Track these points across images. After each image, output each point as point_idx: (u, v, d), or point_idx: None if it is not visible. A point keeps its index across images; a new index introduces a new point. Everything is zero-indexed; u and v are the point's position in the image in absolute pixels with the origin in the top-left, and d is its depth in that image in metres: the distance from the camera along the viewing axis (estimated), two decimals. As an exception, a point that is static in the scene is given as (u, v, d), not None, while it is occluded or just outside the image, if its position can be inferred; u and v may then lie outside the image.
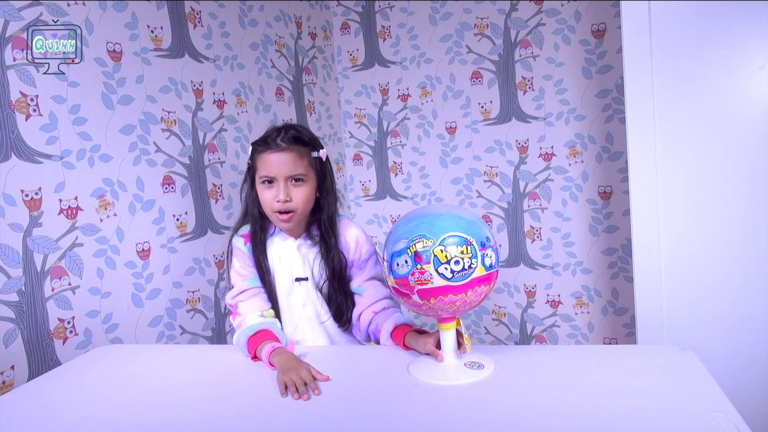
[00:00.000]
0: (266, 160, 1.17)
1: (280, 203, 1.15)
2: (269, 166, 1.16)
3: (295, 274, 1.25)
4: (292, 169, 1.16)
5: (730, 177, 1.45)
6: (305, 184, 1.18)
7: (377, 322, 1.19)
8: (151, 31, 1.62)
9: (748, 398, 1.44)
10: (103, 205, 1.45)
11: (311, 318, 1.25)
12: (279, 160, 1.16)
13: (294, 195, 1.16)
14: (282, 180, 1.15)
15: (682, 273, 1.50)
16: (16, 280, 1.24)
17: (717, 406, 0.78)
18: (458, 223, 0.90)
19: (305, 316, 1.25)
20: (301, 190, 1.17)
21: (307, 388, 0.93)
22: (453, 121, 2.48)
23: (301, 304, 1.25)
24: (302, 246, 1.25)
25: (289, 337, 1.24)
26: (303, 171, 1.17)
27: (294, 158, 1.16)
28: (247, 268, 1.25)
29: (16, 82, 1.25)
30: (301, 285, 1.24)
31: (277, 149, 1.16)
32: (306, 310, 1.25)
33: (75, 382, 1.07)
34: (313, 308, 1.25)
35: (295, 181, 1.17)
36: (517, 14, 2.32)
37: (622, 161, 2.21)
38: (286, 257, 1.25)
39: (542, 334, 2.46)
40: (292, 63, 2.31)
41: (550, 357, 1.04)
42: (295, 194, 1.16)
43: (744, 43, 1.40)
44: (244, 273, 1.25)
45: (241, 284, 1.24)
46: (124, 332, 1.49)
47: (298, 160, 1.17)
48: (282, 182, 1.15)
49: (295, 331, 1.26)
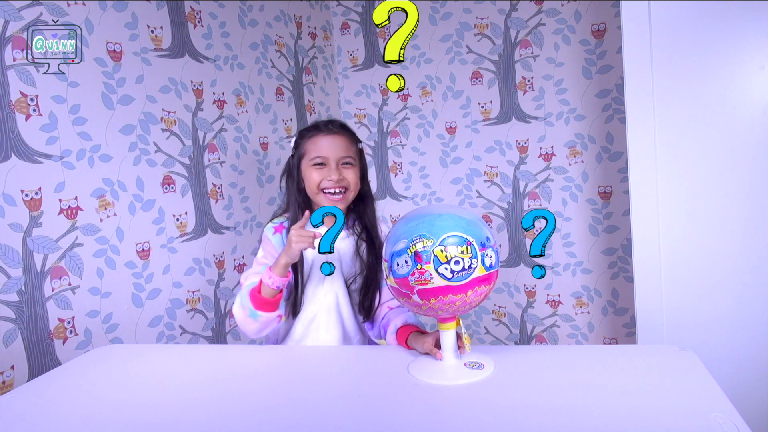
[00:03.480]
0: (318, 143, 1.22)
1: (332, 182, 1.19)
2: (321, 148, 1.21)
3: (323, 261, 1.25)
4: (344, 150, 1.22)
5: (730, 177, 1.45)
6: (354, 168, 1.23)
7: (389, 317, 1.21)
8: (151, 31, 1.62)
9: (748, 398, 1.44)
10: (103, 205, 1.45)
11: (330, 307, 1.25)
12: (332, 143, 1.21)
13: (345, 175, 1.21)
14: (334, 161, 1.21)
15: (682, 273, 1.50)
16: (16, 280, 1.24)
17: (717, 406, 0.78)
18: (458, 223, 0.90)
19: (325, 304, 1.25)
20: (351, 172, 1.22)
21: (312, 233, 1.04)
22: (453, 121, 2.48)
23: (323, 292, 1.25)
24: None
25: (304, 327, 1.24)
26: (352, 155, 1.23)
27: (345, 142, 1.23)
28: (268, 257, 1.24)
29: (16, 82, 1.25)
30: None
31: (329, 132, 1.22)
32: (327, 299, 1.25)
33: (75, 382, 1.07)
34: (335, 297, 1.25)
35: (345, 164, 1.22)
36: (517, 14, 2.32)
37: (622, 161, 2.21)
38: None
39: (542, 334, 2.46)
40: (292, 63, 2.31)
41: (550, 357, 1.04)
42: (347, 174, 1.21)
43: (744, 43, 1.40)
44: (263, 262, 1.24)
45: (255, 268, 1.24)
46: (124, 332, 1.49)
47: (349, 145, 1.23)
48: (334, 163, 1.20)
49: (313, 320, 1.25)
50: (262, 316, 1.11)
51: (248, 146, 2.01)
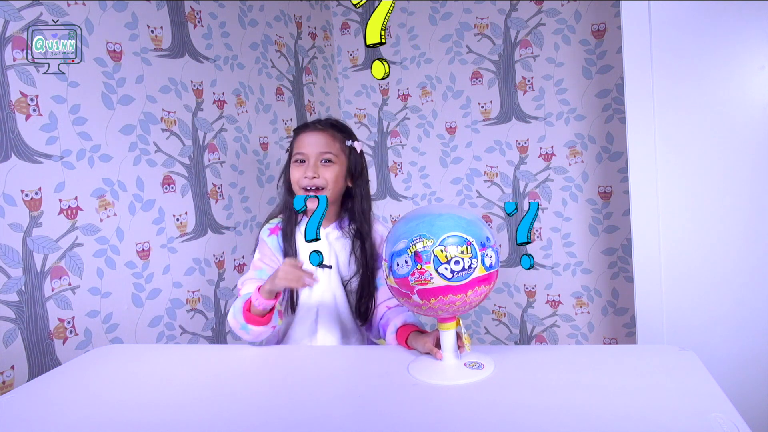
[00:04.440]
0: (301, 140, 1.23)
1: (307, 179, 1.19)
2: (302, 145, 1.22)
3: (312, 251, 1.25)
4: (324, 146, 1.21)
5: (730, 177, 1.45)
6: (334, 165, 1.22)
7: (389, 317, 1.20)
8: (151, 31, 1.62)
9: (748, 398, 1.44)
10: (103, 205, 1.45)
11: (329, 306, 1.25)
12: (312, 140, 1.22)
13: (322, 173, 1.20)
14: (313, 158, 1.21)
15: (682, 273, 1.50)
16: (16, 280, 1.24)
17: (717, 406, 0.78)
18: (458, 223, 0.90)
19: (323, 304, 1.25)
20: (329, 170, 1.22)
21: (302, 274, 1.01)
22: (453, 121, 2.48)
23: (321, 291, 1.25)
24: (330, 234, 1.26)
25: (303, 327, 1.24)
26: (334, 152, 1.22)
27: (327, 139, 1.22)
28: (264, 259, 1.25)
29: (16, 82, 1.25)
30: (324, 272, 1.24)
31: (313, 130, 1.24)
32: (325, 297, 1.25)
33: (75, 382, 1.07)
34: (332, 296, 1.25)
35: (326, 162, 1.21)
36: (517, 14, 2.32)
37: (622, 161, 2.21)
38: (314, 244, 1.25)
39: (542, 334, 2.46)
40: (292, 63, 2.31)
41: (550, 357, 1.04)
42: (323, 172, 1.21)
43: (744, 43, 1.40)
44: (259, 266, 1.25)
45: (251, 273, 1.25)
46: (124, 332, 1.49)
47: (331, 142, 1.23)
48: (312, 160, 1.20)
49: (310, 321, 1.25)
50: (253, 330, 1.11)
51: (248, 146, 2.01)
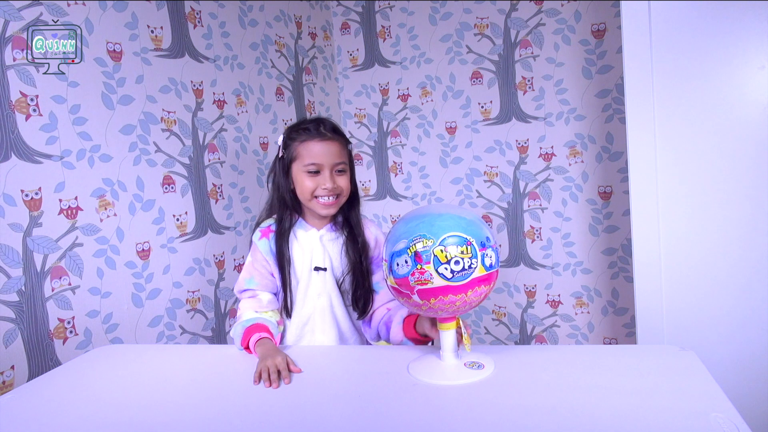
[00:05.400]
0: (312, 149, 1.19)
1: (327, 190, 1.18)
2: (315, 155, 1.19)
3: (314, 263, 1.25)
4: (338, 156, 1.20)
5: (730, 177, 1.45)
6: (347, 173, 1.23)
7: (391, 314, 1.21)
8: (151, 31, 1.62)
9: (748, 398, 1.44)
10: (103, 205, 1.45)
11: (325, 309, 1.25)
12: (326, 149, 1.19)
13: (339, 182, 1.20)
14: (328, 168, 1.19)
15: (682, 273, 1.50)
16: (16, 280, 1.24)
17: (717, 406, 0.78)
18: (458, 223, 0.90)
19: (319, 306, 1.25)
20: (344, 178, 1.22)
21: (278, 377, 0.97)
22: (453, 121, 2.48)
23: (316, 294, 1.25)
24: (324, 236, 1.26)
25: (299, 330, 1.25)
26: (345, 160, 1.22)
27: (338, 148, 1.21)
28: (255, 264, 1.25)
29: (16, 82, 1.25)
30: (319, 275, 1.24)
31: (323, 138, 1.19)
32: (321, 300, 1.25)
33: (75, 382, 1.07)
34: (328, 299, 1.25)
35: (339, 171, 1.21)
36: (517, 14, 2.32)
37: (622, 161, 2.21)
38: (308, 247, 1.25)
39: (542, 334, 2.46)
40: (292, 63, 2.31)
41: (550, 357, 1.04)
42: (340, 182, 1.20)
43: (744, 43, 1.40)
44: (249, 271, 1.25)
45: (242, 281, 1.26)
46: (124, 332, 1.49)
47: (342, 150, 1.22)
48: (328, 171, 1.19)
49: (307, 323, 1.26)
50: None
51: (248, 146, 2.01)
